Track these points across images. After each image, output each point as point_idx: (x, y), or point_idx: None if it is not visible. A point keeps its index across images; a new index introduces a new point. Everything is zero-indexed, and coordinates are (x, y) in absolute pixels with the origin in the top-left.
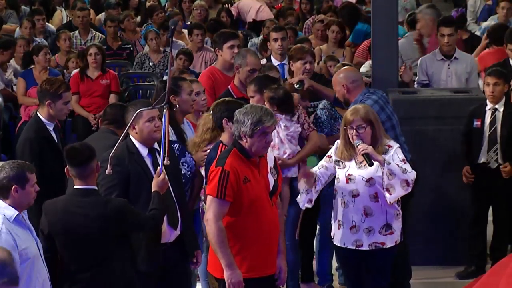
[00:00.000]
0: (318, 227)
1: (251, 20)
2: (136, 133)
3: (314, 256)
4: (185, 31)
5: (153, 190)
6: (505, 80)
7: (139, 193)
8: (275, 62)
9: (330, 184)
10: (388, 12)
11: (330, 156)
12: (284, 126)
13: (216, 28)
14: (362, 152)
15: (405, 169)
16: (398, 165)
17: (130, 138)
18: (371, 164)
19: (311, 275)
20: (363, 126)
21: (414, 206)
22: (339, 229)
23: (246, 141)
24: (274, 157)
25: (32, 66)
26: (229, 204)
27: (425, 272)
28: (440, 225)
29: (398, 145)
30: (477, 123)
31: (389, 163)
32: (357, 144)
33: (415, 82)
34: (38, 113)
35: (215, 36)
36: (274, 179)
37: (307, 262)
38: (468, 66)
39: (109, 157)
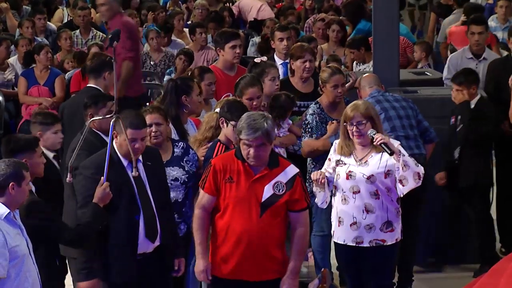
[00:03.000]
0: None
1: (252, 19)
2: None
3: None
4: (186, 30)
5: (92, 201)
6: (467, 86)
7: (118, 202)
8: (279, 61)
9: None
10: (389, 10)
11: (330, 159)
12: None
13: (217, 19)
14: (380, 142)
15: (416, 163)
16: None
17: (113, 146)
18: (391, 154)
19: None
20: (363, 122)
21: None
22: (339, 226)
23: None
24: (298, 176)
25: (34, 65)
26: (209, 196)
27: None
28: (441, 223)
29: (398, 142)
30: (452, 120)
31: (404, 155)
32: (373, 134)
33: (443, 79)
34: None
35: (217, 36)
36: (277, 194)
37: None
38: None
39: (69, 165)
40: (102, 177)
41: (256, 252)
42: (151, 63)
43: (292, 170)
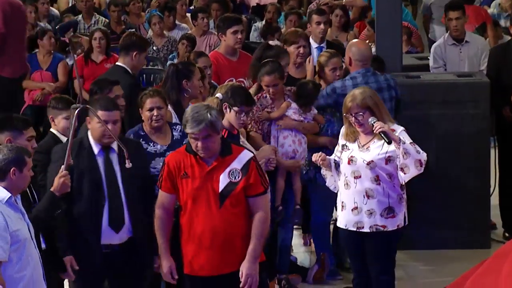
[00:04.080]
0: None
1: (255, 4)
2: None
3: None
4: (188, 15)
5: (50, 189)
6: None
7: (80, 188)
8: (314, 45)
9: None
10: None
11: (338, 144)
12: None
13: (220, 1)
14: (379, 130)
15: (419, 150)
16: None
17: (87, 132)
18: (389, 142)
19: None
20: (361, 113)
21: (419, 190)
22: (342, 210)
23: None
24: (252, 161)
25: (36, 50)
26: (167, 194)
27: (428, 255)
28: (445, 207)
29: (402, 128)
30: None
31: (404, 143)
32: (373, 122)
33: (431, 68)
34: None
35: (219, 21)
36: (233, 182)
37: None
38: (479, 49)
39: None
40: (62, 166)
41: (222, 244)
42: (154, 48)
43: (246, 155)
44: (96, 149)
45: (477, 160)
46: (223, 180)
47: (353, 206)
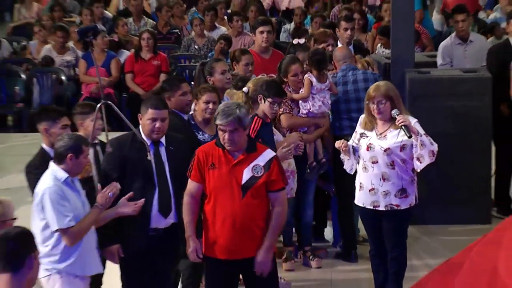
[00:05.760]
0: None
1: (284, 9)
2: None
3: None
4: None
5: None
6: None
7: (134, 178)
8: None
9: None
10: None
11: (356, 132)
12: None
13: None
14: (401, 123)
15: (432, 142)
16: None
17: (139, 128)
18: (410, 136)
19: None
20: (383, 102)
21: (429, 172)
22: (360, 190)
23: None
24: (275, 159)
25: (91, 49)
26: (195, 183)
27: (437, 229)
28: (452, 187)
29: (416, 120)
30: None
31: (421, 135)
32: (396, 115)
33: (438, 66)
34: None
35: (253, 22)
36: (256, 176)
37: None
38: (482, 47)
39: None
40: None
41: (242, 231)
42: (195, 47)
43: (269, 153)
44: (148, 142)
45: (480, 146)
46: (246, 174)
47: (370, 187)
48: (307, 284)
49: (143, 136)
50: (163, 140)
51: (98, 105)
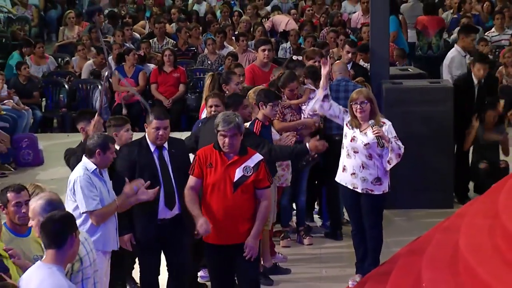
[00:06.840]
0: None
1: (282, 30)
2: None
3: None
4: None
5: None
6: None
7: (142, 178)
8: None
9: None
10: (382, 20)
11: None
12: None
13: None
14: (376, 134)
15: (399, 145)
16: (396, 142)
17: (145, 135)
18: (382, 146)
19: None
20: (365, 102)
21: (402, 163)
22: (343, 171)
23: None
24: (262, 162)
25: (123, 63)
26: (196, 179)
27: (407, 212)
28: (420, 176)
29: (390, 122)
30: None
31: (392, 142)
32: (372, 125)
33: (452, 76)
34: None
35: (255, 42)
36: (246, 175)
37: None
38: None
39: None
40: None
41: (232, 221)
42: (208, 62)
43: (257, 157)
44: (152, 148)
45: (444, 143)
46: (238, 173)
47: (352, 171)
48: (301, 257)
49: (148, 142)
50: (165, 144)
51: (106, 73)
